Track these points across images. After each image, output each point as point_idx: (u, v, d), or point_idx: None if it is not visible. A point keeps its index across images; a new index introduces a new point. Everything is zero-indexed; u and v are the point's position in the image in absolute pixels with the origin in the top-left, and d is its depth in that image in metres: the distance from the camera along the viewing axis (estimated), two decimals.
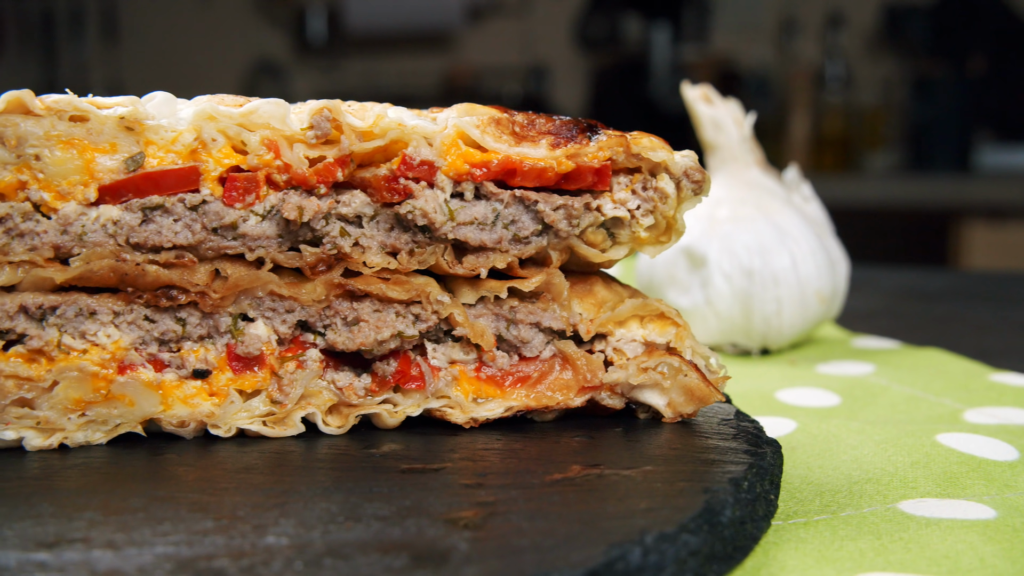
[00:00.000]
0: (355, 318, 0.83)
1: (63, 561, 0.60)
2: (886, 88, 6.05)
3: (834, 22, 6.07)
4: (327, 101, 0.82)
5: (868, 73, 6.09)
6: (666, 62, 6.42)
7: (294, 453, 0.81)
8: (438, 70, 6.79)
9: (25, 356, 0.80)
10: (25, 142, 0.79)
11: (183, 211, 0.81)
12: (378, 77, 6.86)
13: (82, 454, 0.81)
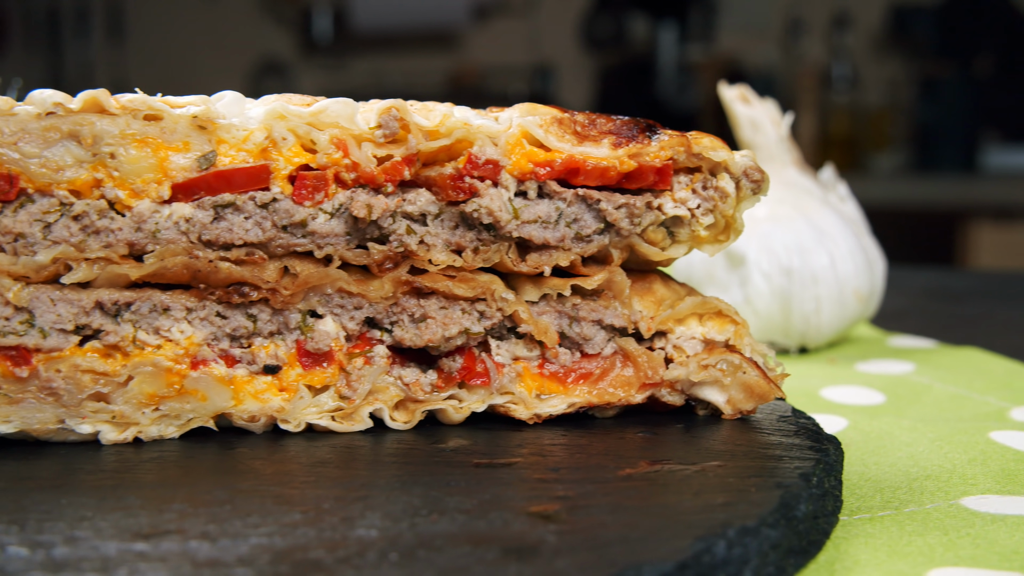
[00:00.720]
0: (422, 315, 0.84)
1: (162, 551, 0.61)
2: (892, 88, 6.06)
3: (840, 22, 6.08)
4: (394, 101, 0.83)
5: (874, 73, 6.10)
6: (672, 62, 6.43)
7: (363, 448, 0.82)
8: (444, 69, 6.80)
9: (101, 351, 0.81)
10: (101, 141, 0.80)
11: (254, 209, 0.82)
12: (384, 76, 6.87)
13: (156, 448, 0.82)
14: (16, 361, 0.79)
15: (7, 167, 0.79)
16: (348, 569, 0.58)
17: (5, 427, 0.80)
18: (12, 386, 0.80)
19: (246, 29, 7.11)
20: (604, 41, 6.67)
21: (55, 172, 0.79)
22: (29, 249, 0.79)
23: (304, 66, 7.07)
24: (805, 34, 6.15)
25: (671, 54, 6.44)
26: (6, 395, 0.80)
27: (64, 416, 0.81)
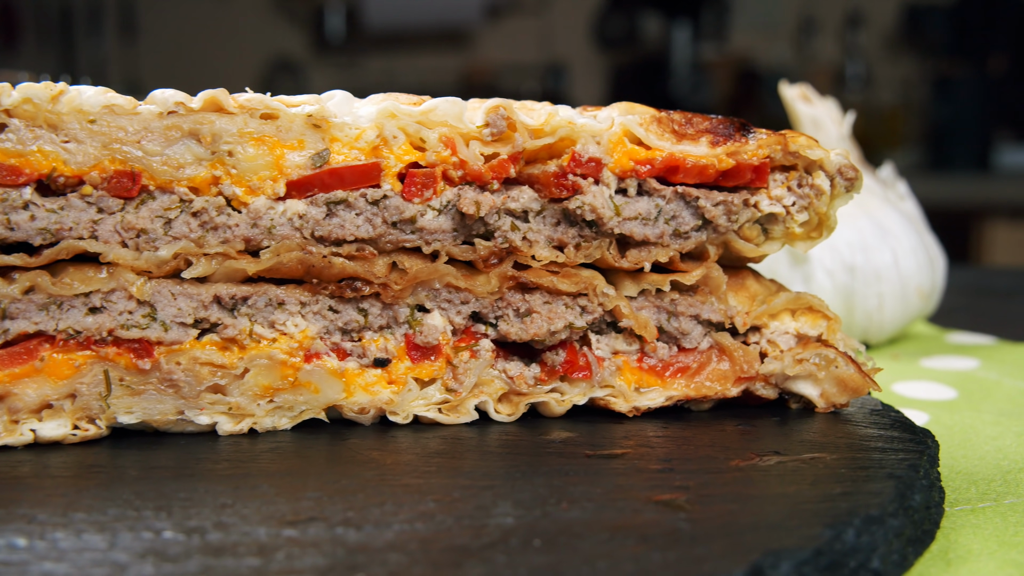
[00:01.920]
0: (527, 309, 0.86)
1: (311, 537, 0.63)
2: (906, 88, 6.07)
3: (853, 21, 6.09)
4: (501, 100, 0.85)
5: (888, 72, 6.11)
6: (686, 61, 6.44)
7: (471, 439, 0.84)
8: (456, 68, 6.81)
9: (219, 344, 0.83)
10: (220, 139, 0.82)
11: (365, 206, 0.84)
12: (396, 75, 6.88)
13: (270, 439, 0.84)
14: (139, 354, 0.81)
15: (130, 165, 0.81)
16: (498, 554, 0.60)
17: (128, 418, 0.82)
18: (134, 378, 0.82)
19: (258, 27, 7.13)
20: (616, 40, 6.68)
21: (176, 170, 0.81)
22: (151, 245, 0.81)
23: (316, 65, 7.09)
24: (818, 33, 6.16)
25: (685, 53, 6.45)
26: (128, 387, 0.82)
27: (183, 407, 0.83)
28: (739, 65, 6.40)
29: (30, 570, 0.58)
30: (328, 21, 7.03)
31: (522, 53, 6.75)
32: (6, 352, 0.80)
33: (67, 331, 0.80)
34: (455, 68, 6.81)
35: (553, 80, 6.74)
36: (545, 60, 6.74)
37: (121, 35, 7.26)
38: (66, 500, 0.69)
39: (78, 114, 0.80)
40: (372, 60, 6.98)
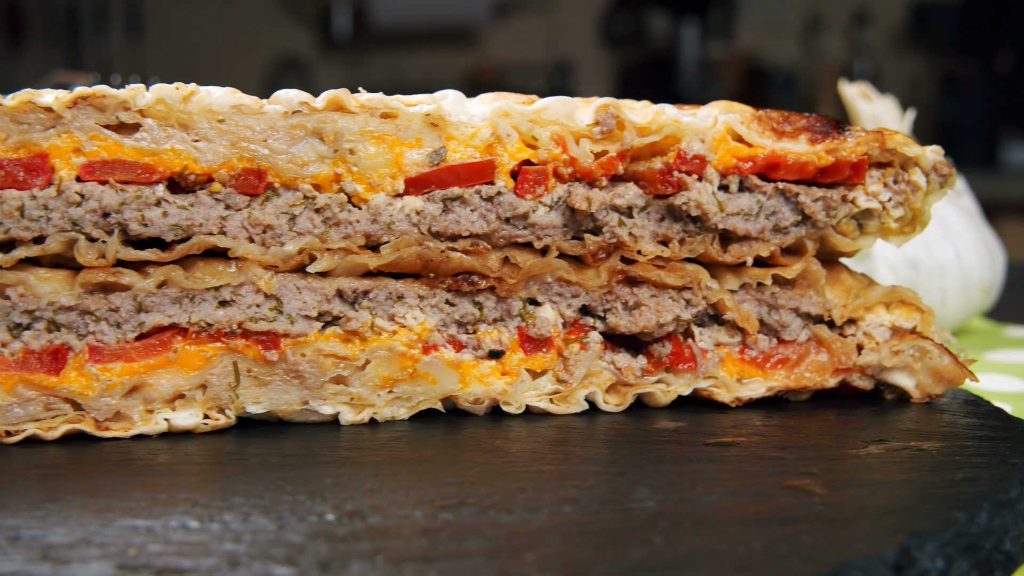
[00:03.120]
0: (635, 303, 0.89)
1: (467, 520, 0.65)
2: (913, 85, 6.09)
3: (860, 19, 6.11)
4: (610, 99, 0.88)
5: (895, 70, 6.13)
6: (694, 59, 6.46)
7: (582, 429, 0.87)
8: (463, 66, 6.83)
9: (341, 336, 0.86)
10: (342, 138, 0.84)
11: (479, 202, 0.87)
12: (402, 73, 6.89)
13: (389, 428, 0.87)
14: (266, 345, 0.84)
15: (257, 163, 0.83)
16: (654, 536, 0.63)
17: (256, 407, 0.85)
18: (262, 369, 0.84)
19: (265, 26, 7.14)
20: (623, 38, 6.71)
21: (300, 167, 0.84)
22: (277, 240, 0.84)
23: (323, 63, 7.10)
24: (825, 31, 6.18)
25: (693, 51, 6.47)
26: (256, 377, 0.84)
27: (308, 397, 0.86)
28: (747, 63, 6.43)
29: (213, 549, 0.60)
30: (335, 20, 7.05)
31: (529, 52, 6.77)
32: (142, 344, 0.82)
33: (199, 324, 0.83)
34: (462, 67, 6.82)
35: (560, 79, 6.76)
36: (552, 59, 6.76)
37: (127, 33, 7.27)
38: (220, 485, 0.72)
39: (208, 114, 0.82)
40: (379, 59, 7.00)
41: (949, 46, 5.96)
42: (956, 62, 5.90)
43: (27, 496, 0.69)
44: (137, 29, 7.24)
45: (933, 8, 6.04)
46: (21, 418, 0.81)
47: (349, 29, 7.02)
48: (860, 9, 6.09)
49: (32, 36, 7.19)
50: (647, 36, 6.63)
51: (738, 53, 6.42)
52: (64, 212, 0.80)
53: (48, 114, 0.80)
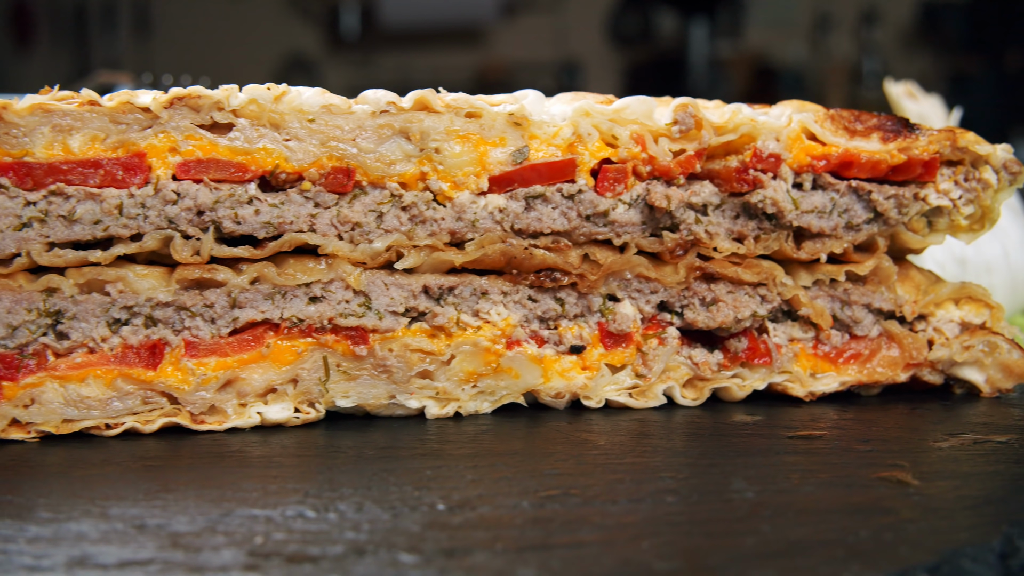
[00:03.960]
0: (713, 299, 0.91)
1: (576, 510, 0.67)
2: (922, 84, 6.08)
3: (868, 18, 6.12)
4: (688, 99, 0.89)
5: (904, 69, 6.14)
6: (704, 58, 6.48)
7: (663, 422, 0.89)
8: (470, 65, 6.84)
9: (428, 332, 0.87)
10: (428, 137, 0.86)
11: (561, 200, 0.88)
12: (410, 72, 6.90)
13: (472, 422, 0.88)
14: (356, 340, 0.86)
15: (346, 161, 0.85)
16: (762, 524, 0.65)
17: (345, 401, 0.86)
18: (351, 364, 0.86)
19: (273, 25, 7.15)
20: (631, 37, 6.72)
21: (387, 166, 0.86)
22: (365, 237, 0.86)
23: (331, 62, 7.11)
24: (833, 30, 6.19)
25: (703, 50, 6.48)
26: (345, 372, 0.86)
27: (395, 392, 0.87)
28: (755, 62, 6.43)
29: (335, 537, 0.62)
30: (343, 19, 7.06)
31: (537, 51, 6.78)
32: (235, 339, 0.84)
33: (291, 319, 0.85)
34: (470, 66, 6.84)
35: (568, 78, 6.77)
36: (560, 58, 6.77)
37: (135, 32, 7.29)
38: (325, 476, 0.73)
39: (298, 114, 0.84)
40: (387, 58, 7.01)
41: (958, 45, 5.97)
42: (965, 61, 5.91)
43: (142, 486, 0.71)
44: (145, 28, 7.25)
45: (942, 7, 6.05)
46: (120, 411, 0.83)
47: (357, 28, 7.03)
48: (868, 8, 6.10)
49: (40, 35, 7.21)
50: (655, 35, 6.64)
51: (747, 52, 6.43)
52: (161, 210, 0.82)
53: (145, 114, 0.82)
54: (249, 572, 0.57)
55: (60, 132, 0.81)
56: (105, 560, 0.58)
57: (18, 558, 0.59)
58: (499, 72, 6.82)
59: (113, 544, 0.61)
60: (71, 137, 0.81)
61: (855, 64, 6.14)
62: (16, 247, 0.81)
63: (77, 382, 0.82)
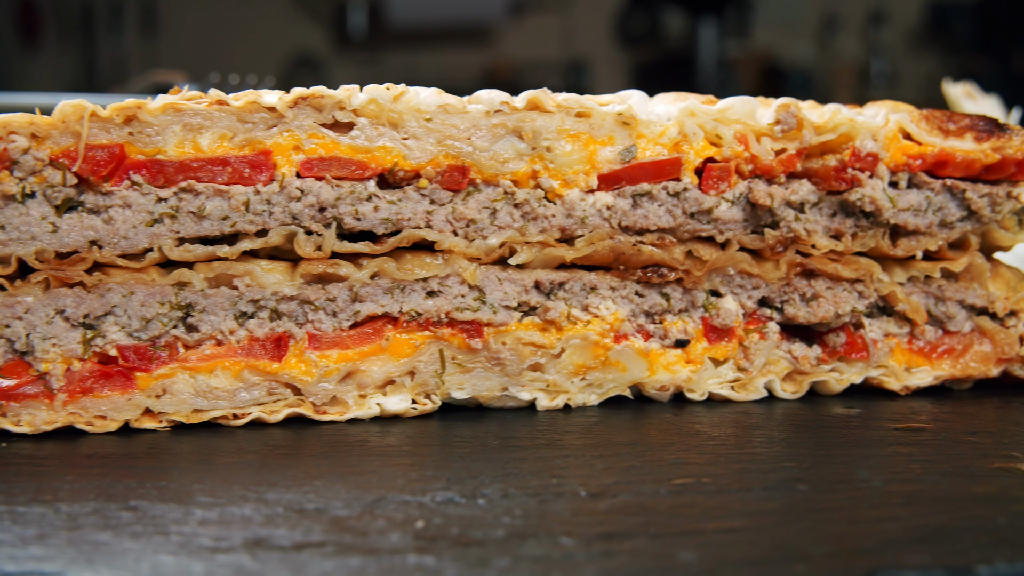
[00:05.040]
0: (813, 294, 0.93)
1: (713, 498, 0.69)
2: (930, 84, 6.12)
3: (876, 19, 6.14)
4: (789, 99, 0.92)
5: (912, 69, 6.17)
6: (713, 58, 6.50)
7: (764, 414, 0.91)
8: (478, 64, 6.85)
9: (539, 326, 0.90)
10: (540, 136, 0.88)
11: (666, 197, 0.90)
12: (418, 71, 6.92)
13: (581, 414, 0.91)
14: (471, 334, 0.88)
15: (461, 159, 0.87)
16: (900, 512, 0.67)
17: (460, 393, 0.89)
18: (466, 356, 0.88)
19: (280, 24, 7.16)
20: (638, 37, 6.74)
21: (501, 164, 0.88)
22: (479, 234, 0.88)
23: (338, 61, 7.12)
24: (841, 30, 6.21)
25: (712, 50, 6.50)
26: (460, 364, 0.88)
27: (508, 384, 0.90)
28: (763, 62, 6.45)
29: (491, 522, 0.64)
30: (350, 17, 7.07)
31: (545, 50, 6.80)
32: (356, 332, 0.86)
33: (409, 313, 0.87)
34: (477, 65, 6.85)
35: (575, 77, 6.79)
36: (567, 57, 6.79)
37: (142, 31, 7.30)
38: (461, 465, 0.76)
39: (416, 113, 0.86)
40: (394, 56, 7.03)
41: (966, 45, 6.00)
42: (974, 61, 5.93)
43: (287, 473, 0.73)
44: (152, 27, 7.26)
45: (950, 7, 6.07)
46: (247, 402, 0.85)
47: (364, 27, 7.05)
48: (876, 8, 6.12)
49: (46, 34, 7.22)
50: (662, 35, 6.66)
51: (755, 52, 6.45)
52: (285, 207, 0.84)
53: (271, 113, 0.84)
54: (423, 555, 0.59)
55: (190, 131, 0.83)
56: (281, 542, 0.61)
57: (196, 539, 0.61)
58: (507, 71, 6.83)
59: (281, 527, 0.63)
60: (201, 136, 0.83)
61: (863, 64, 6.16)
62: (148, 242, 0.83)
63: (206, 373, 0.84)
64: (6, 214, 0.80)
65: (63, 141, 0.81)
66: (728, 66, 6.49)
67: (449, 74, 6.76)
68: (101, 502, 0.67)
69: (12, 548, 0.59)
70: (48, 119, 0.80)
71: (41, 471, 0.75)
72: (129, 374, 0.83)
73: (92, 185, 0.81)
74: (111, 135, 0.81)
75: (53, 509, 0.66)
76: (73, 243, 0.82)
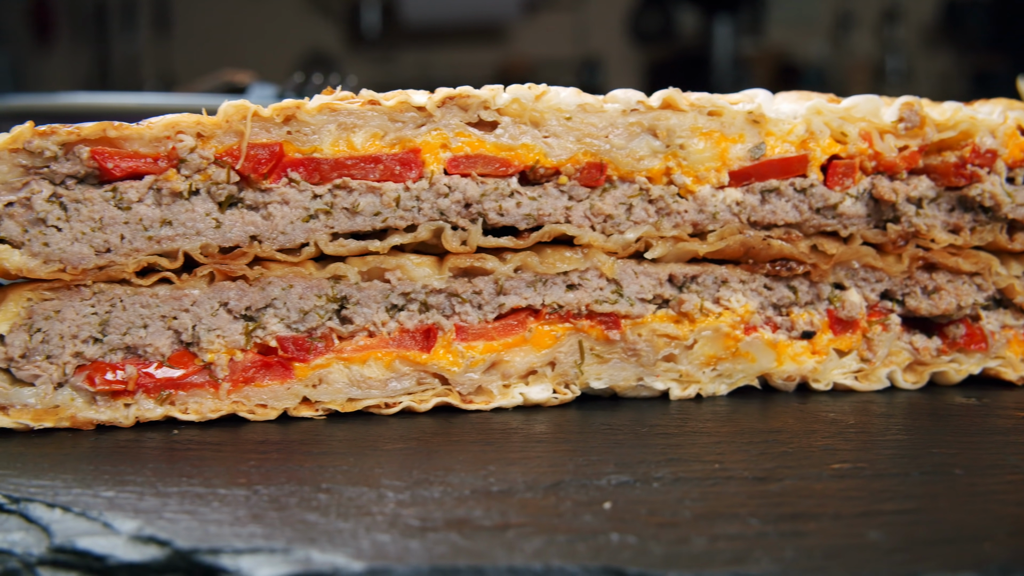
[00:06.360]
0: (935, 287, 0.96)
1: (874, 480, 0.72)
2: (945, 82, 6.15)
3: (890, 16, 6.16)
4: (912, 97, 0.94)
5: (926, 67, 6.19)
6: (728, 55, 6.52)
7: (886, 402, 0.94)
8: (491, 62, 6.88)
9: (673, 318, 0.92)
10: (674, 134, 0.91)
11: (793, 193, 0.93)
12: (431, 69, 6.94)
13: (711, 403, 0.94)
14: (609, 326, 0.91)
15: (599, 157, 0.90)
16: None
17: (598, 383, 0.92)
18: (603, 348, 0.91)
19: (293, 22, 7.18)
20: (652, 35, 6.77)
21: (636, 161, 0.91)
22: (616, 229, 0.91)
23: (352, 59, 7.14)
24: (855, 28, 6.23)
25: (727, 48, 6.53)
26: (598, 355, 0.91)
27: (643, 374, 0.92)
28: (778, 60, 6.47)
29: (673, 503, 0.67)
30: (364, 16, 7.10)
31: (558, 48, 6.82)
32: (500, 324, 0.89)
33: (551, 305, 0.90)
34: (491, 63, 6.87)
35: (588, 75, 6.81)
36: (581, 55, 6.81)
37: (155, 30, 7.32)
38: (622, 451, 0.78)
39: (557, 112, 0.89)
40: (407, 55, 7.05)
41: (981, 42, 6.02)
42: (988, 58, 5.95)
43: (457, 457, 0.76)
44: (165, 26, 7.29)
45: (965, 4, 6.09)
46: (397, 391, 0.88)
47: (378, 25, 7.07)
48: (890, 5, 6.14)
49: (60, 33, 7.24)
50: (676, 33, 6.68)
51: (769, 49, 6.47)
52: (433, 203, 0.87)
53: (420, 113, 0.87)
54: (624, 534, 0.62)
55: (345, 130, 0.85)
56: (483, 522, 0.63)
57: (401, 519, 0.63)
58: (520, 69, 6.86)
59: (476, 509, 0.66)
60: (354, 134, 0.86)
61: (878, 62, 6.18)
62: (305, 237, 0.85)
63: (360, 363, 0.87)
64: (173, 210, 0.83)
65: (226, 140, 0.83)
66: (743, 64, 6.50)
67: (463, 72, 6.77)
68: (295, 485, 0.70)
69: (232, 527, 0.62)
70: (213, 119, 0.83)
71: (219, 456, 0.77)
72: (288, 364, 0.86)
73: (252, 182, 0.84)
74: (271, 134, 0.84)
75: (253, 491, 0.68)
76: (235, 238, 0.84)
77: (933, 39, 6.18)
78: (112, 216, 0.82)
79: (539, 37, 6.86)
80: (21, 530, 0.63)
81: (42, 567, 0.60)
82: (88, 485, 0.69)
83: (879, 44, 6.19)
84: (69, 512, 0.64)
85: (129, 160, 0.82)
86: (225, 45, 7.08)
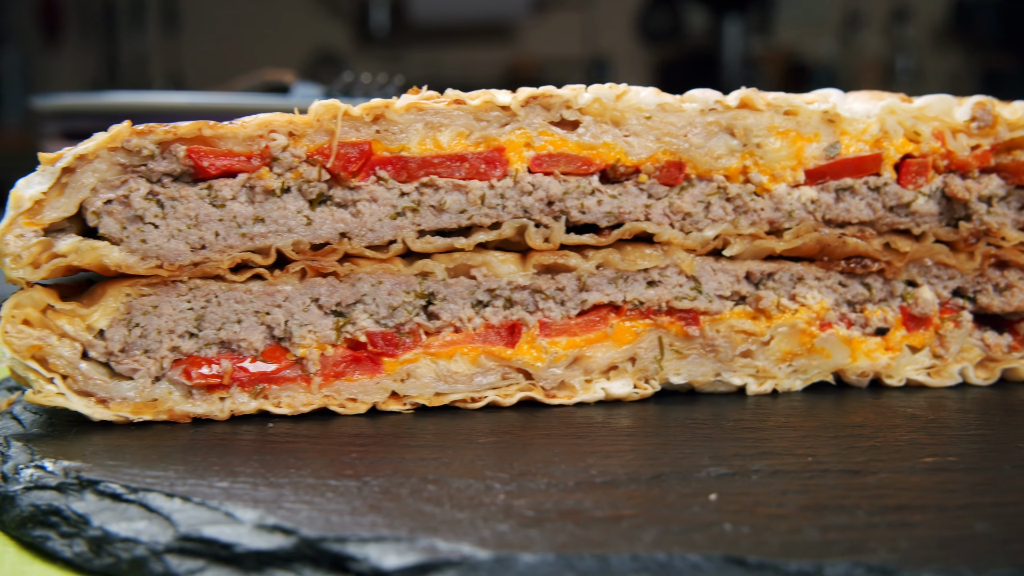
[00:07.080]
0: (1007, 284, 0.97)
1: (970, 474, 0.73)
2: (954, 82, 6.16)
3: (899, 15, 6.17)
4: (985, 97, 0.96)
5: (935, 67, 6.20)
6: (738, 55, 6.53)
7: (961, 399, 0.95)
8: (500, 62, 6.89)
9: (750, 314, 0.94)
10: (751, 133, 0.92)
11: (867, 192, 0.94)
12: (440, 68, 6.95)
13: (787, 398, 0.95)
14: (688, 322, 0.92)
15: (678, 155, 0.91)
16: None
17: (677, 378, 0.93)
18: (682, 343, 0.92)
19: (301, 20, 7.20)
20: (661, 34, 6.78)
21: (714, 160, 0.92)
22: (694, 226, 0.92)
23: (360, 58, 7.15)
24: (864, 27, 6.24)
25: (737, 47, 6.53)
26: (677, 351, 0.92)
27: (720, 370, 0.94)
28: (787, 59, 6.48)
29: (776, 495, 0.68)
30: (373, 15, 7.11)
31: (567, 47, 6.83)
32: (583, 320, 0.90)
33: (632, 302, 0.91)
34: (499, 62, 6.88)
35: (597, 74, 6.82)
36: (590, 54, 6.83)
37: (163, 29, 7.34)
38: (715, 444, 0.79)
39: (637, 111, 0.90)
40: (416, 54, 7.06)
41: (990, 42, 6.03)
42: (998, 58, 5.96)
43: (554, 450, 0.77)
44: (173, 25, 7.30)
45: (974, 4, 6.10)
46: (483, 386, 0.89)
47: (387, 24, 7.08)
48: (899, 5, 6.15)
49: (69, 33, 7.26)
50: (685, 32, 6.69)
51: (778, 49, 6.48)
52: (517, 201, 0.88)
53: (504, 112, 0.88)
54: (738, 524, 0.63)
55: (431, 129, 0.87)
56: (595, 513, 0.64)
57: (515, 509, 0.64)
58: (529, 68, 6.87)
59: (585, 500, 0.67)
60: (440, 133, 0.87)
61: (887, 61, 6.18)
62: (392, 234, 0.87)
63: (447, 359, 0.88)
64: (266, 208, 0.84)
65: (317, 139, 0.85)
66: (752, 63, 6.52)
67: (471, 71, 6.79)
68: (401, 476, 0.71)
69: (352, 516, 0.63)
70: (305, 118, 0.84)
71: (318, 448, 0.79)
72: (377, 359, 0.87)
73: (341, 180, 0.85)
74: (360, 133, 0.85)
75: (363, 483, 0.70)
76: (325, 235, 0.86)
77: (942, 38, 6.19)
78: (207, 213, 0.83)
79: (548, 36, 6.87)
80: (143, 519, 0.65)
81: (169, 555, 0.62)
82: (201, 476, 0.70)
83: (888, 44, 6.20)
84: (189, 502, 0.65)
85: (223, 158, 0.83)
86: (233, 43, 7.09)
